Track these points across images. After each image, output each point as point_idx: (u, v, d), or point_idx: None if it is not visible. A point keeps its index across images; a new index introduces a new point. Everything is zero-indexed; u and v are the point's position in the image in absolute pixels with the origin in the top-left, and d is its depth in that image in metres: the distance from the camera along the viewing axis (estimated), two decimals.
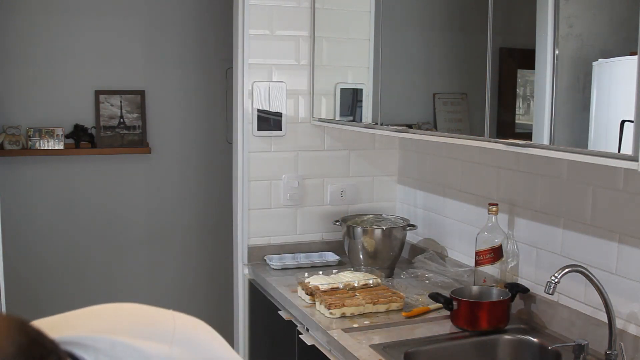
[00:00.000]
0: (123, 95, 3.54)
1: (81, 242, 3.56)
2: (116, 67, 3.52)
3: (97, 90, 3.49)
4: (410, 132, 2.10)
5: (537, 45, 1.58)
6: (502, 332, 1.91)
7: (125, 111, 3.55)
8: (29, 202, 3.43)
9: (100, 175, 3.56)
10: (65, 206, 3.51)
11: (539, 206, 2.00)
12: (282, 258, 2.59)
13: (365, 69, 2.44)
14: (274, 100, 2.61)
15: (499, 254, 2.07)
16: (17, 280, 3.37)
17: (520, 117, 1.72)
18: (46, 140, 3.37)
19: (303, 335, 2.07)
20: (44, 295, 3.49)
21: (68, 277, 3.54)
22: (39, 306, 3.49)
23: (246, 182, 2.61)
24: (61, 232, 3.51)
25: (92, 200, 3.55)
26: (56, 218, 3.49)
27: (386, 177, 2.81)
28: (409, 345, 1.80)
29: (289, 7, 2.60)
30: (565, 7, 1.53)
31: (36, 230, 3.46)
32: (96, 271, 3.60)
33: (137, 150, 3.56)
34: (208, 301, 3.77)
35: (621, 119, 1.35)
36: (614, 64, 1.45)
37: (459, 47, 2.12)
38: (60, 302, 3.53)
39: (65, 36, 3.42)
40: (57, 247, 3.51)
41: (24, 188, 3.42)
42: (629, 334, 1.67)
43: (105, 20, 3.48)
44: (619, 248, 1.71)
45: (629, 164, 1.25)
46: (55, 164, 3.47)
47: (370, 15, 2.34)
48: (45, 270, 3.49)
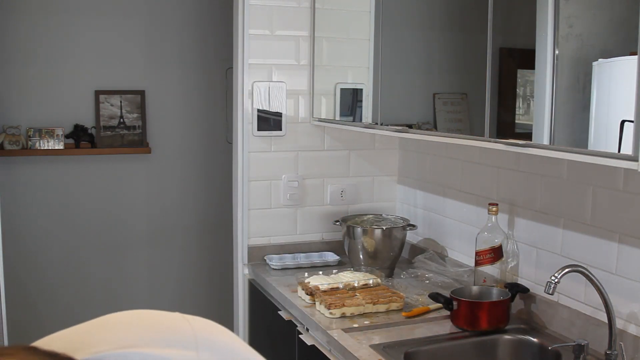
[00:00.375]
0: (123, 95, 3.54)
1: (81, 241, 3.56)
2: (116, 67, 3.52)
3: (97, 90, 3.50)
4: (410, 132, 2.10)
5: (537, 45, 1.58)
6: (502, 332, 1.90)
7: (125, 111, 3.55)
8: (29, 202, 3.43)
9: (100, 175, 3.56)
10: (65, 206, 3.51)
11: (539, 206, 2.00)
12: (282, 258, 2.59)
13: (365, 69, 2.44)
14: (274, 100, 2.61)
15: (499, 254, 2.07)
16: (16, 280, 3.37)
17: (520, 117, 1.71)
18: (46, 140, 3.37)
19: (303, 335, 2.07)
20: (44, 295, 3.49)
21: (68, 277, 3.54)
22: (38, 306, 3.49)
23: (246, 182, 2.61)
24: (61, 232, 3.51)
25: (92, 200, 3.55)
26: (56, 218, 3.49)
27: (386, 177, 2.81)
28: (409, 345, 1.80)
29: (289, 7, 2.60)
30: (565, 7, 1.53)
31: (36, 230, 3.46)
32: (96, 271, 3.60)
33: (137, 150, 3.56)
34: (208, 301, 3.77)
35: (621, 119, 1.35)
36: (614, 64, 1.45)
37: (459, 47, 2.12)
38: (60, 302, 3.53)
39: (65, 36, 3.42)
40: (57, 247, 3.51)
41: (24, 188, 3.42)
42: (629, 334, 1.67)
43: (105, 20, 3.48)
44: (619, 248, 1.71)
45: (629, 164, 1.25)
46: (55, 164, 3.47)
47: (370, 15, 2.34)
48: (45, 270, 3.49)
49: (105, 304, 3.61)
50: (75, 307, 3.53)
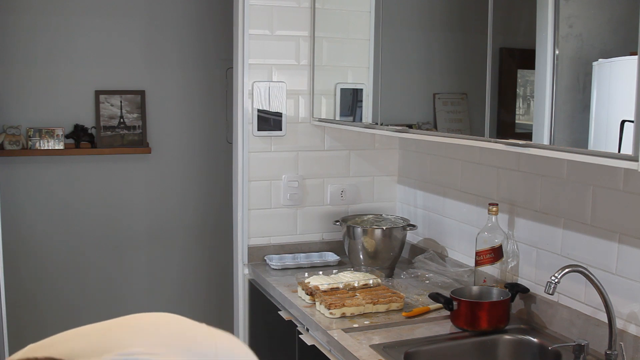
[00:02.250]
0: (123, 95, 3.54)
1: (81, 241, 3.56)
2: (116, 67, 3.52)
3: (97, 90, 3.50)
4: (410, 132, 2.10)
5: (537, 45, 1.58)
6: (502, 332, 1.91)
7: (125, 111, 3.55)
8: (29, 202, 3.43)
9: (101, 175, 3.56)
10: (65, 206, 3.51)
11: (539, 206, 2.00)
12: (282, 258, 2.59)
13: (365, 69, 2.44)
14: (274, 100, 2.61)
15: (499, 254, 2.07)
16: (17, 280, 3.37)
17: (520, 117, 1.72)
18: (46, 140, 3.37)
19: (303, 335, 2.07)
20: (44, 295, 3.49)
21: (68, 277, 3.54)
22: (38, 305, 3.49)
23: (246, 182, 2.61)
24: (61, 232, 3.51)
25: (92, 200, 3.55)
26: (56, 218, 3.49)
27: (386, 177, 2.81)
28: (409, 345, 1.80)
29: (289, 7, 2.60)
30: (565, 7, 1.54)
31: (36, 230, 3.46)
32: (96, 271, 3.60)
33: (137, 150, 3.56)
34: (208, 301, 3.77)
35: (621, 119, 1.36)
36: (614, 64, 1.45)
37: (459, 47, 2.12)
38: (60, 302, 3.53)
39: (65, 36, 3.42)
40: (57, 247, 3.51)
41: (24, 188, 3.42)
42: (629, 334, 1.67)
43: (105, 20, 3.48)
44: (619, 248, 1.71)
45: (629, 164, 1.25)
46: (55, 164, 3.47)
47: (370, 15, 2.34)
48: (45, 270, 3.49)
49: (106, 304, 3.61)
50: (75, 306, 3.53)
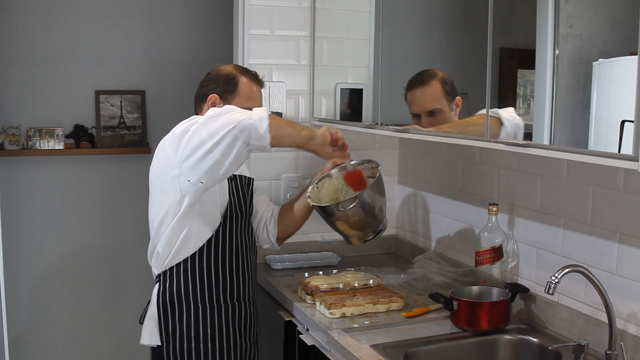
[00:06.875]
0: (123, 95, 3.54)
1: (81, 241, 3.56)
2: (116, 67, 3.52)
3: (97, 90, 3.49)
4: (410, 132, 2.10)
5: (537, 45, 1.58)
6: (502, 332, 1.91)
7: (125, 111, 3.55)
8: (29, 202, 3.43)
9: (101, 175, 3.56)
10: (66, 206, 3.51)
11: (539, 206, 2.00)
12: (283, 258, 2.59)
13: (365, 69, 2.44)
14: (274, 100, 2.61)
15: (499, 254, 2.07)
16: (17, 280, 3.37)
17: (520, 117, 1.71)
18: (46, 140, 3.37)
19: (303, 335, 2.07)
20: (44, 295, 3.49)
21: (68, 277, 3.54)
22: (38, 306, 3.49)
23: None
24: (61, 232, 3.51)
25: (92, 200, 3.55)
26: (56, 218, 3.49)
27: (386, 177, 2.78)
28: (409, 345, 1.80)
29: (289, 7, 2.60)
30: (565, 7, 1.54)
31: (36, 230, 3.46)
32: (97, 271, 3.60)
33: (137, 150, 3.56)
34: None
35: (621, 119, 1.35)
36: (614, 64, 1.45)
37: (459, 47, 2.12)
38: (60, 302, 3.53)
39: (65, 36, 3.42)
40: (57, 247, 3.51)
41: (24, 188, 3.42)
42: (629, 334, 1.67)
43: (105, 20, 3.47)
44: (619, 248, 1.71)
45: (629, 164, 1.25)
46: (55, 164, 3.47)
47: (370, 15, 2.34)
48: (45, 270, 3.49)
49: (106, 304, 3.61)
50: (75, 307, 3.53)
